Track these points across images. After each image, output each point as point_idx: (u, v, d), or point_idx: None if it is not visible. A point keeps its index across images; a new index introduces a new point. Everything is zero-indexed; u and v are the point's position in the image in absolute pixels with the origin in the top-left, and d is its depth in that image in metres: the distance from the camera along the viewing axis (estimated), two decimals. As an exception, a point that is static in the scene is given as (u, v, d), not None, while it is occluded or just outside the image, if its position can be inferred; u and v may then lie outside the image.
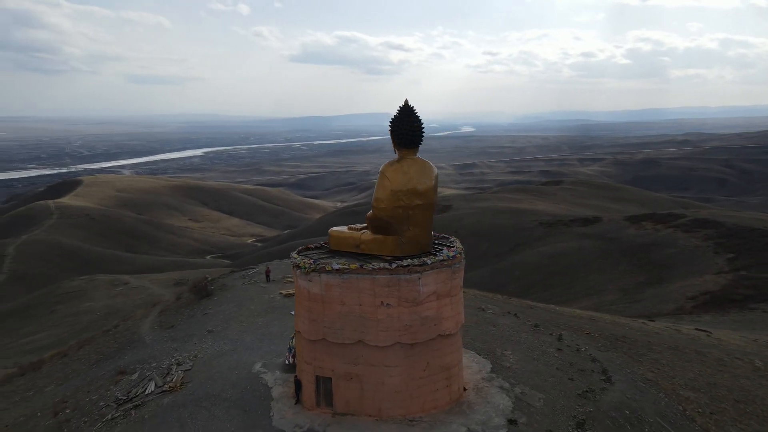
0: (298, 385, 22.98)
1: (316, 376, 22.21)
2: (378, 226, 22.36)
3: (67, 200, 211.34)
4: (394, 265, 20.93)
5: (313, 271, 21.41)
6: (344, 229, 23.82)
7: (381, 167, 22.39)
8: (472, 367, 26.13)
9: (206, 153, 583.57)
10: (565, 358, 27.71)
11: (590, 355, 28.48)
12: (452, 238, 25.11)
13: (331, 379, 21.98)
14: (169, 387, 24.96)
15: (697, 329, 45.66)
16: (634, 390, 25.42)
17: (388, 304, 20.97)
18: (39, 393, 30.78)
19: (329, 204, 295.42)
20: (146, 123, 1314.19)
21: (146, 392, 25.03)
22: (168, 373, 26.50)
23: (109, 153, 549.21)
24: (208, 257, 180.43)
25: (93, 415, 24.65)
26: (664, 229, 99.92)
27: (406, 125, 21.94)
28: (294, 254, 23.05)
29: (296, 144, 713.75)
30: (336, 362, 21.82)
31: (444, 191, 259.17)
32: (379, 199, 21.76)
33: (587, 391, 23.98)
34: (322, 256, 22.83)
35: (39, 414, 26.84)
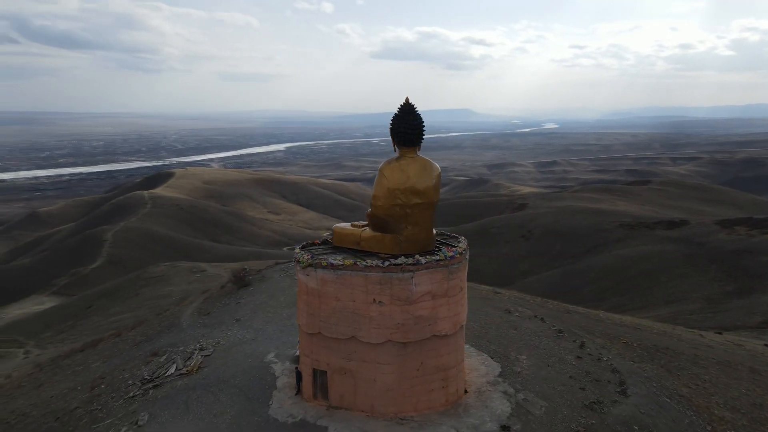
0: (299, 376, 23.65)
1: (313, 369, 22.74)
2: (376, 223, 22.51)
3: (159, 191, 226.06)
4: (386, 264, 21.00)
5: (309, 265, 21.93)
6: (348, 225, 24.16)
7: (380, 165, 22.47)
8: (480, 369, 25.64)
9: (289, 148, 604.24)
10: (582, 366, 26.50)
11: (611, 365, 27.03)
12: (461, 238, 24.74)
13: (326, 372, 22.44)
14: (187, 370, 26.48)
15: (766, 345, 42.05)
16: (653, 405, 23.89)
17: (380, 302, 21.07)
18: (87, 368, 33.58)
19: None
20: (234, 119, 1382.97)
21: (167, 374, 26.70)
22: (189, 358, 28.09)
23: (200, 147, 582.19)
24: (284, 249, 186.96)
25: (120, 391, 26.63)
26: (759, 235, 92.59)
27: (405, 124, 21.89)
28: (298, 248, 23.66)
29: (375, 140, 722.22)
30: (331, 356, 22.23)
31: (521, 189, 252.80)
32: (377, 197, 21.89)
33: (595, 403, 22.84)
34: (324, 252, 23.27)
35: (79, 387, 29.32)
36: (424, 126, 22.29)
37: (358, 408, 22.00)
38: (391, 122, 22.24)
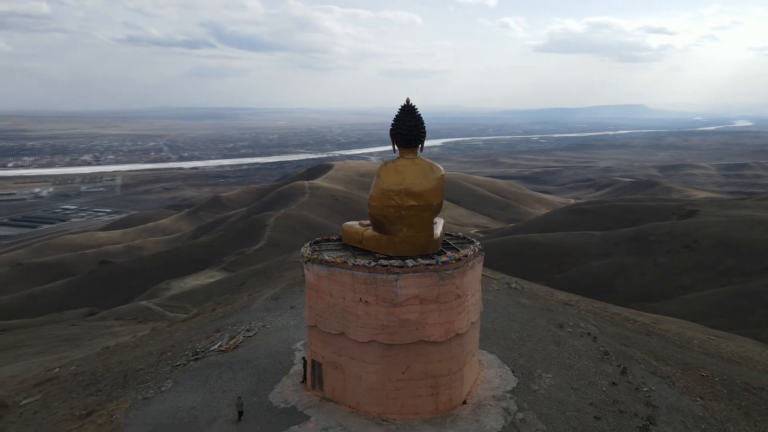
0: (305, 365, 24.65)
1: (312, 360, 23.58)
2: (374, 224, 22.58)
3: (318, 182, 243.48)
4: (372, 264, 21.01)
5: (309, 260, 22.74)
6: (356, 224, 24.48)
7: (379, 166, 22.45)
8: (493, 382, 24.32)
9: (445, 143, 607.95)
10: (612, 394, 23.73)
11: (649, 396, 23.78)
12: (475, 243, 23.71)
13: (322, 365, 23.12)
14: (225, 348, 28.96)
15: None
16: (681, 450, 20.68)
17: (366, 302, 21.17)
18: (171, 336, 38.17)
19: (560, 200, 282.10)
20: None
21: (210, 349, 29.47)
22: (233, 337, 30.63)
23: (361, 141, 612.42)
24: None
25: (175, 359, 30.01)
26: None
27: (403, 125, 21.61)
28: (307, 244, 24.58)
29: (534, 137, 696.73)
30: (326, 350, 22.86)
31: (696, 194, 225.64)
32: (372, 197, 21.96)
33: (600, 436, 20.45)
34: (329, 249, 23.92)
35: (154, 352, 33.54)
36: (424, 127, 21.81)
37: (347, 403, 22.38)
38: (392, 123, 22.12)
